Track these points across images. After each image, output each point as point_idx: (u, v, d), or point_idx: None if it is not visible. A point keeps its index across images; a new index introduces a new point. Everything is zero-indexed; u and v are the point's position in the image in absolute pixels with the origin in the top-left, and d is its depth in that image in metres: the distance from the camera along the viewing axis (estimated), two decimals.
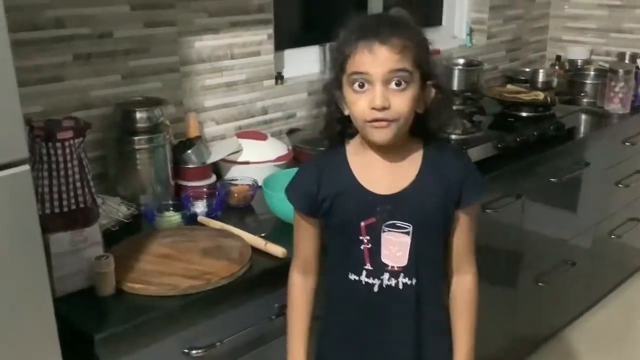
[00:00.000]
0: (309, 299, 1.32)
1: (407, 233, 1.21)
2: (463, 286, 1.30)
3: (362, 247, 1.22)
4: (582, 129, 2.52)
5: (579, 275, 2.59)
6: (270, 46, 2.12)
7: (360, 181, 1.22)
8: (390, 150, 1.21)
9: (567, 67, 3.03)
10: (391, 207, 1.20)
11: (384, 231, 1.21)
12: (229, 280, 1.36)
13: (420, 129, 1.23)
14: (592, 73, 2.91)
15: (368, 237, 1.21)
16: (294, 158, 1.99)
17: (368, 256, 1.22)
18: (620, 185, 2.70)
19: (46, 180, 1.27)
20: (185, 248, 1.48)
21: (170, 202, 1.70)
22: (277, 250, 1.46)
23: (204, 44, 1.95)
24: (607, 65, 2.83)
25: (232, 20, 2.00)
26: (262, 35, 2.09)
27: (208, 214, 1.66)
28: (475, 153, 2.01)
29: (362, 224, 1.21)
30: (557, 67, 2.99)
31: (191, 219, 1.64)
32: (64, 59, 1.65)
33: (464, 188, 1.23)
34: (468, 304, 1.30)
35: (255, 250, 1.47)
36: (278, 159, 1.91)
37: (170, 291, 1.31)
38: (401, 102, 1.13)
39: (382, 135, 1.15)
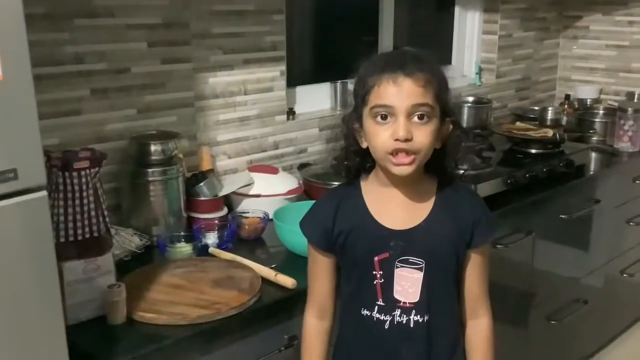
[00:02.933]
0: (324, 342, 1.32)
1: (420, 269, 1.21)
2: (479, 331, 1.29)
3: (374, 282, 1.22)
4: (591, 166, 2.52)
5: (591, 314, 2.56)
6: (283, 82, 2.17)
7: (374, 216, 1.23)
8: (406, 186, 1.22)
9: (576, 106, 3.05)
10: (404, 243, 1.21)
11: (397, 267, 1.21)
12: (239, 310, 1.37)
13: (435, 166, 1.24)
14: (601, 112, 2.93)
15: (381, 272, 1.22)
16: (305, 192, 2.01)
17: (380, 291, 1.22)
18: (631, 224, 2.69)
19: (62, 209, 1.30)
20: (196, 278, 1.50)
21: (182, 233, 1.72)
22: (287, 281, 1.47)
23: (219, 79, 1.99)
24: (616, 104, 2.86)
25: (245, 58, 2.05)
26: (275, 72, 2.13)
27: (219, 246, 1.68)
28: (485, 188, 2.03)
29: (376, 258, 1.21)
30: (566, 106, 3.02)
31: (202, 251, 1.66)
32: (81, 93, 1.69)
33: (476, 228, 1.24)
34: (485, 350, 1.29)
35: (265, 281, 1.48)
36: (289, 192, 1.94)
37: (181, 320, 1.32)
38: (423, 135, 1.14)
39: (402, 169, 1.15)
